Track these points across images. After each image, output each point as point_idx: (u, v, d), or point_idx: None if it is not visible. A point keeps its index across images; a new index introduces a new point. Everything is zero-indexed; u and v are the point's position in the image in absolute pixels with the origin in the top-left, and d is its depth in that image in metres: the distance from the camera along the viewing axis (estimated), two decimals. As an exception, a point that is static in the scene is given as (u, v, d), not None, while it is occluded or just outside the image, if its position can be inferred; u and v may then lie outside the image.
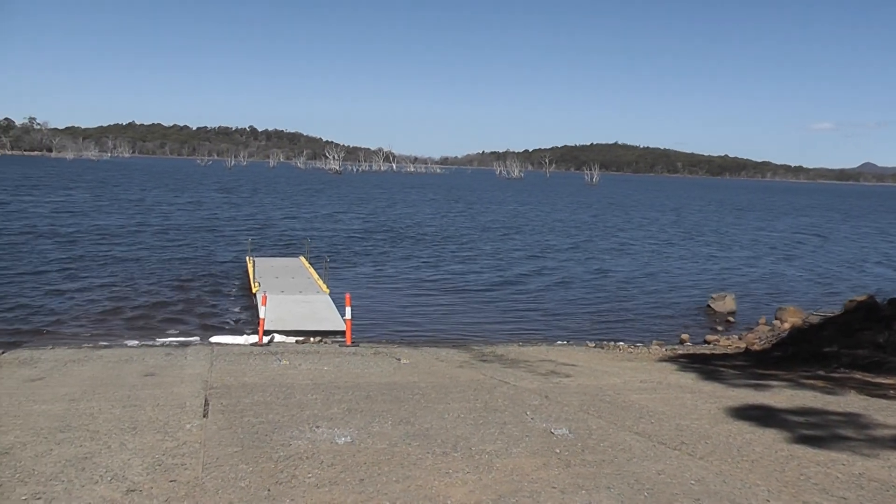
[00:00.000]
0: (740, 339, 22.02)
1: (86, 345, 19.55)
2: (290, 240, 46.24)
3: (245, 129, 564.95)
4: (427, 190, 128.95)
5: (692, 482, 8.14)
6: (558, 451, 9.16)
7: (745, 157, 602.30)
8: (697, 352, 19.50)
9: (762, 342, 20.49)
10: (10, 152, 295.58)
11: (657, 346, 20.17)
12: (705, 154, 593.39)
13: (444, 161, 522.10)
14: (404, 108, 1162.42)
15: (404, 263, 36.85)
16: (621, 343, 20.76)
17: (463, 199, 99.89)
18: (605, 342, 20.83)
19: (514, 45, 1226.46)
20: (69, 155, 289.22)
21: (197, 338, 20.75)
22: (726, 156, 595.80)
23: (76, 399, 12.02)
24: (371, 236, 49.42)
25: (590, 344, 20.41)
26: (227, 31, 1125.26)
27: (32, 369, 15.18)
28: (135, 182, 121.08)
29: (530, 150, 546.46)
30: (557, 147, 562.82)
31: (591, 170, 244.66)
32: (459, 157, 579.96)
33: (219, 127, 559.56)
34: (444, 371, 14.74)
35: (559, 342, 20.95)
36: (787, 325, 22.84)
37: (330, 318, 21.61)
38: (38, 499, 7.75)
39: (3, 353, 17.73)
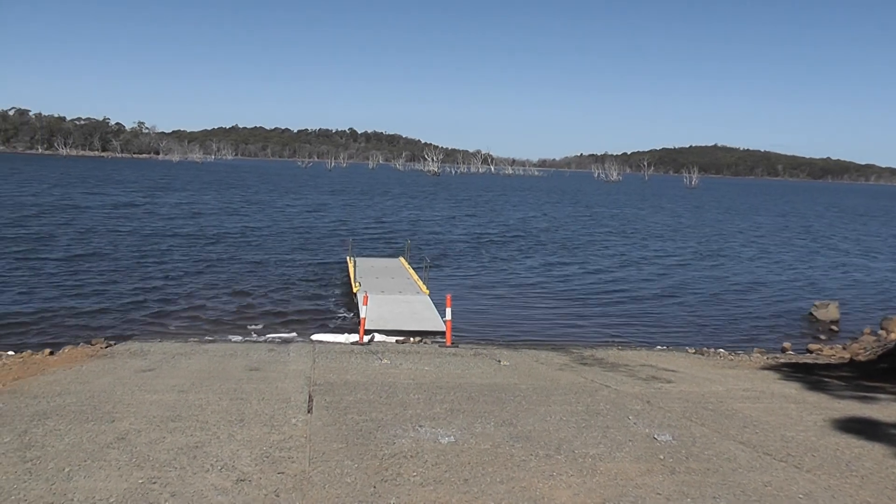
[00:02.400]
0: (844, 348, 21.43)
1: (192, 339, 20.04)
2: (390, 241, 46.61)
3: (345, 131, 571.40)
4: (528, 192, 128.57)
5: (800, 496, 7.99)
6: (662, 457, 9.09)
7: (847, 160, 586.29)
8: (800, 361, 19.07)
9: (867, 353, 19.93)
10: (119, 155, 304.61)
11: (758, 354, 19.77)
12: (807, 156, 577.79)
13: (542, 163, 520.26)
14: (503, 111, 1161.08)
15: (504, 265, 36.82)
16: (721, 350, 20.40)
17: (566, 201, 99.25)
18: (705, 348, 20.52)
19: (612, 48, 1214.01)
20: (175, 157, 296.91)
21: (298, 335, 21.09)
22: (828, 158, 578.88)
23: (185, 390, 12.35)
24: (470, 238, 49.53)
25: (689, 350, 20.13)
26: (327, 35, 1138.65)
27: (143, 360, 15.63)
28: (249, 184, 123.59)
29: (628, 152, 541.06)
30: (656, 150, 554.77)
31: (689, 173, 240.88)
32: (557, 159, 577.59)
33: (319, 129, 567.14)
34: (544, 373, 14.71)
35: (659, 347, 20.72)
36: (893, 336, 22.18)
37: (430, 318, 21.70)
38: (154, 483, 8.01)
39: (115, 344, 18.31)
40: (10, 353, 17.62)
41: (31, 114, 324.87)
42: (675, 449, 9.43)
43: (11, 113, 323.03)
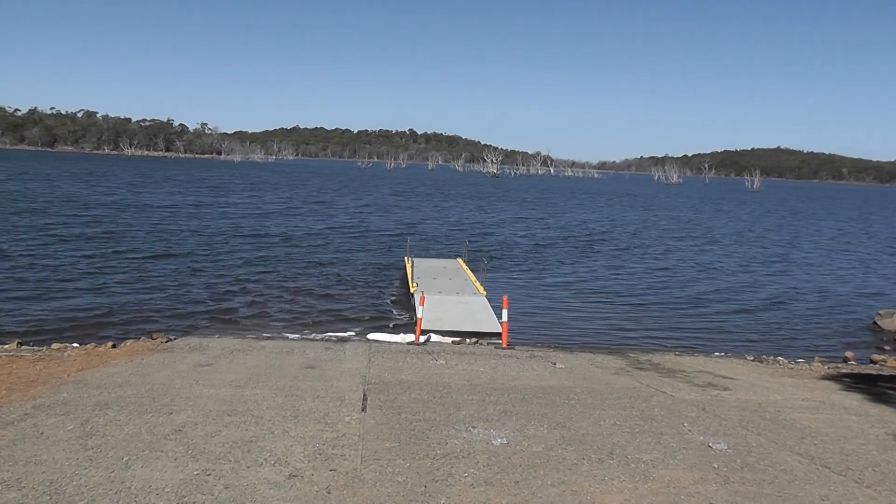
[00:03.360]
0: (910, 360, 21.01)
1: (250, 335, 20.24)
2: (448, 241, 46.67)
3: (405, 132, 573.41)
4: (589, 195, 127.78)
5: (859, 512, 7.88)
6: (716, 466, 9.01)
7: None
8: (862, 371, 18.71)
9: (935, 365, 19.53)
10: (182, 155, 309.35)
11: (819, 364, 19.44)
12: (874, 159, 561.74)
13: (602, 165, 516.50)
14: (562, 112, 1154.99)
15: (563, 267, 36.67)
16: (781, 358, 20.09)
17: (627, 203, 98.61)
18: (763, 356, 20.24)
19: (674, 48, 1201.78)
20: (236, 158, 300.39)
21: (355, 334, 21.20)
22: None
23: (242, 386, 12.52)
24: (529, 239, 49.39)
25: (748, 357, 19.85)
26: (389, 36, 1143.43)
27: (202, 355, 15.85)
28: (312, 185, 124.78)
29: (689, 154, 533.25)
30: (717, 152, 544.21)
31: (751, 176, 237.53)
32: (617, 161, 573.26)
33: (379, 130, 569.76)
34: (599, 377, 14.64)
35: (716, 354, 20.47)
36: (963, 348, 21.69)
37: (486, 319, 21.66)
38: (209, 475, 8.14)
39: (175, 339, 18.59)
40: (75, 345, 17.98)
41: (98, 115, 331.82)
42: (730, 458, 9.34)
43: (80, 115, 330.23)
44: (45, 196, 67.26)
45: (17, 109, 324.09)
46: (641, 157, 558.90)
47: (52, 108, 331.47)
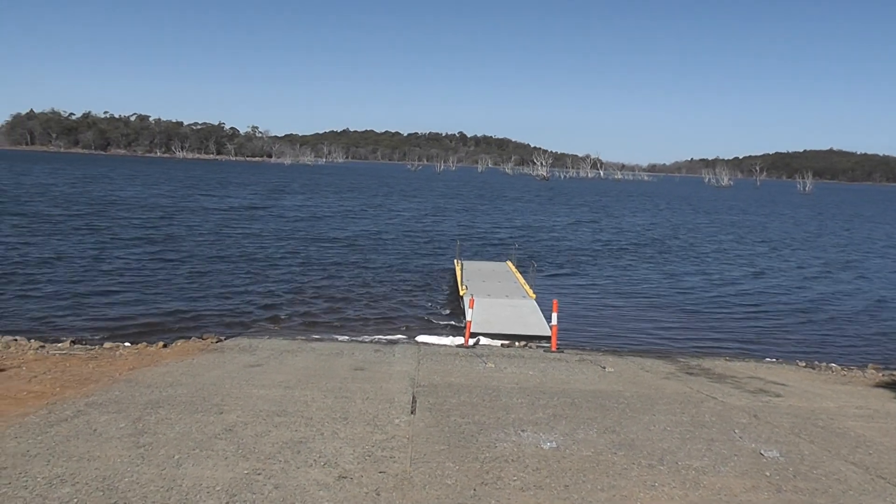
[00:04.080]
0: (972, 368, 20.57)
1: (299, 337, 20.37)
2: (498, 244, 46.61)
3: (454, 134, 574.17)
4: (640, 198, 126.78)
5: (916, 523, 7.74)
6: (768, 474, 8.88)
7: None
8: (919, 379, 18.42)
9: None
10: (233, 158, 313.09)
11: (873, 371, 19.11)
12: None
13: (652, 168, 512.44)
14: (612, 114, 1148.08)
15: (613, 270, 36.44)
16: (833, 364, 19.80)
17: (678, 206, 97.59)
18: (816, 362, 19.95)
19: (724, 48, 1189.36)
20: (287, 160, 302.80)
21: (404, 336, 21.23)
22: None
23: (291, 387, 12.59)
24: (580, 242, 49.19)
25: (800, 363, 19.58)
26: (439, 39, 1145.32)
27: (252, 356, 15.99)
28: (365, 188, 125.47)
29: (740, 157, 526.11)
30: (769, 154, 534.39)
31: (803, 178, 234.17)
32: (667, 164, 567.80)
33: (429, 133, 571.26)
34: (649, 382, 14.54)
35: (767, 359, 20.21)
36: None
37: (536, 323, 21.60)
38: (259, 474, 8.20)
39: (225, 339, 18.77)
40: (127, 344, 18.21)
41: (150, 119, 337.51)
42: (783, 466, 9.21)
43: (133, 119, 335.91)
44: (103, 199, 68.43)
45: (71, 114, 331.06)
46: (692, 159, 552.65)
47: (105, 112, 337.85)
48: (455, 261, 31.95)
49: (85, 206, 60.13)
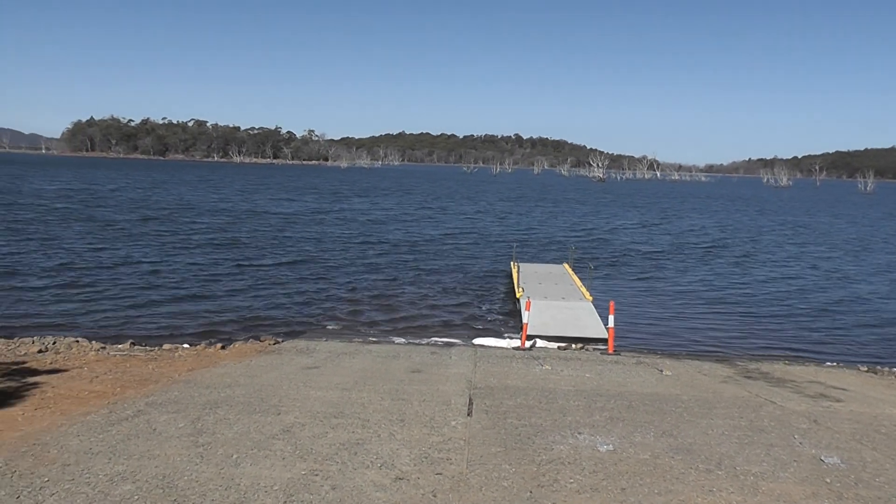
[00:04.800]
0: None
1: (356, 339, 20.49)
2: (554, 246, 46.46)
3: (510, 136, 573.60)
4: (699, 199, 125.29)
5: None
6: (829, 480, 8.73)
7: None
8: None
9: None
10: (290, 162, 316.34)
11: (939, 376, 18.74)
12: None
13: (709, 168, 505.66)
14: (669, 115, 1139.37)
15: (671, 272, 36.10)
16: (897, 369, 19.44)
17: (737, 207, 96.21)
18: (878, 367, 19.57)
19: (780, 46, 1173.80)
20: (343, 164, 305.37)
21: (461, 339, 21.24)
22: None
23: (348, 388, 12.67)
24: (637, 244, 48.82)
25: (861, 368, 19.20)
26: (495, 41, 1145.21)
27: (309, 358, 16.12)
28: (424, 191, 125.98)
29: (799, 156, 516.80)
30: (828, 153, 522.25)
31: (864, 177, 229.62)
32: (725, 164, 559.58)
33: (485, 135, 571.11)
34: (707, 385, 14.39)
35: (828, 363, 19.87)
36: None
37: (592, 325, 21.50)
38: (316, 475, 8.26)
39: (283, 341, 18.93)
40: (186, 346, 18.45)
41: (208, 124, 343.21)
42: (844, 473, 9.05)
43: (191, 124, 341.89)
44: (166, 204, 69.50)
45: (130, 120, 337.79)
46: (749, 159, 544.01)
47: (163, 118, 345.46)
48: (511, 263, 31.89)
49: (148, 210, 61.15)
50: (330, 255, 38.45)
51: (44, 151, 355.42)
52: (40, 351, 16.67)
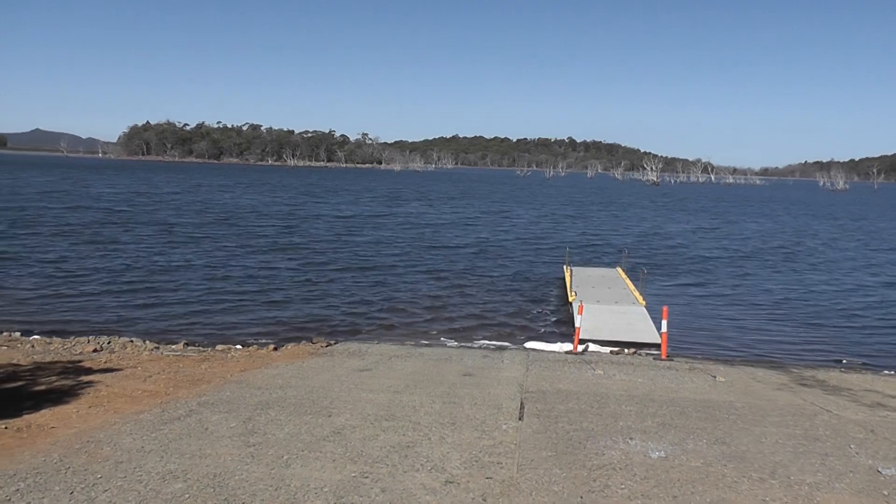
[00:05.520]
0: None
1: (408, 342, 20.54)
2: (608, 250, 46.23)
3: (564, 140, 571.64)
4: (752, 203, 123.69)
5: None
6: (886, 493, 8.55)
7: None
8: None
9: None
10: (343, 165, 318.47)
11: None
12: None
13: (764, 172, 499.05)
14: (723, 118, 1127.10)
15: (725, 278, 35.67)
16: (960, 378, 19.03)
17: (795, 211, 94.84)
18: (940, 376, 19.18)
19: (838, 45, 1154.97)
20: (396, 167, 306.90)
21: (512, 342, 21.21)
22: None
23: (400, 391, 12.69)
24: (693, 249, 48.37)
25: (922, 377, 18.88)
26: (545, 45, 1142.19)
27: (361, 360, 16.18)
28: (482, 196, 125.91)
29: (856, 159, 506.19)
30: (886, 155, 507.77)
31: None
32: (780, 167, 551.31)
33: (538, 138, 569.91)
34: (761, 392, 14.20)
35: (886, 372, 19.53)
36: None
37: (645, 330, 21.35)
38: (366, 477, 8.28)
39: (335, 343, 19.02)
40: (238, 346, 18.63)
41: (262, 128, 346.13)
42: (902, 484, 8.87)
43: (245, 128, 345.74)
44: (224, 207, 70.36)
45: (185, 124, 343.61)
46: (805, 162, 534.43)
47: (218, 122, 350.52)
48: (564, 267, 31.81)
49: (207, 214, 61.96)
50: (385, 258, 38.69)
51: (100, 155, 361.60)
52: (95, 350, 16.94)
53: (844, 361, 20.76)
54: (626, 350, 19.43)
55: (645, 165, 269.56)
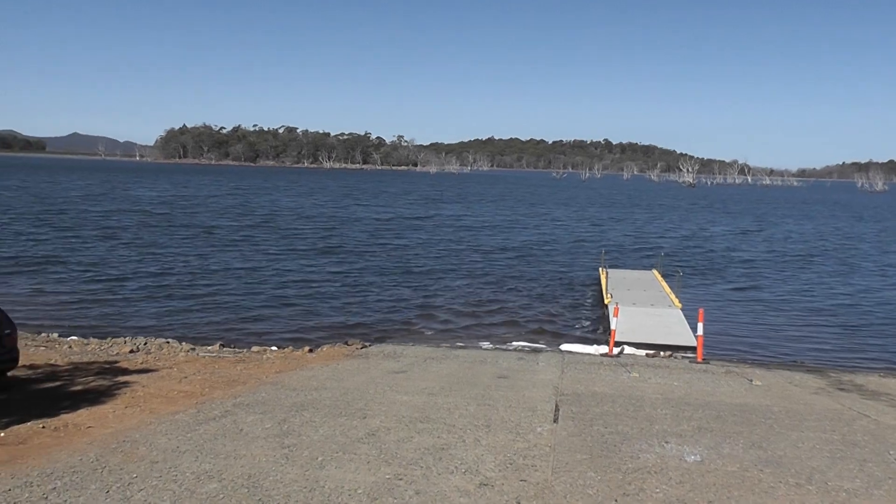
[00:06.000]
0: None
1: (443, 344, 20.56)
2: (644, 252, 45.98)
3: (599, 141, 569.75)
4: (791, 205, 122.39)
5: None
6: (927, 500, 8.45)
7: None
8: None
9: None
10: (379, 167, 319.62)
11: None
12: None
13: (801, 173, 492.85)
14: (760, 118, 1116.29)
15: (763, 281, 35.30)
16: None
17: (837, 213, 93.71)
18: (981, 381, 18.88)
19: (878, 43, 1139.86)
20: (432, 169, 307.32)
21: (548, 344, 21.16)
22: None
23: (434, 393, 12.71)
24: (730, 251, 47.94)
25: (963, 382, 18.59)
26: (581, 47, 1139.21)
27: (396, 362, 16.21)
28: (519, 198, 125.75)
29: (895, 159, 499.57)
30: None
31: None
32: (818, 168, 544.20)
33: (574, 140, 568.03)
34: (798, 396, 14.07)
35: (928, 377, 19.29)
36: None
37: (681, 332, 21.21)
38: (400, 479, 8.30)
39: (370, 345, 19.07)
40: (274, 348, 18.72)
41: (298, 131, 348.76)
42: (944, 492, 8.74)
43: (281, 131, 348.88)
44: (262, 209, 70.93)
45: (222, 127, 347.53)
46: (843, 163, 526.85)
47: (254, 126, 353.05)
48: (600, 269, 31.70)
49: (245, 217, 62.39)
50: (423, 260, 38.80)
51: (138, 158, 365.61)
52: (132, 351, 17.12)
53: (884, 367, 20.52)
54: (661, 353, 19.30)
55: (681, 167, 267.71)
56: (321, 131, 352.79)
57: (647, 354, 19.02)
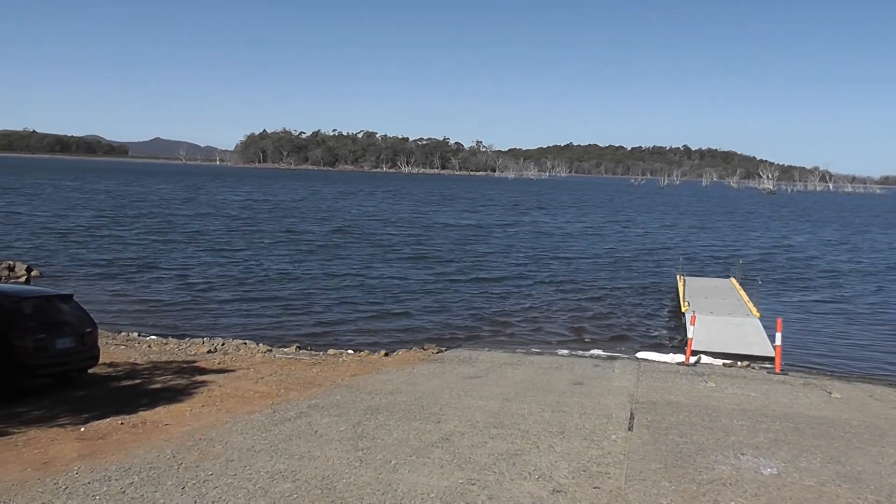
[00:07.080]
0: None
1: (519, 350, 20.55)
2: (723, 260, 45.34)
3: (678, 148, 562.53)
4: (877, 213, 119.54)
5: None
6: None
7: None
8: None
9: None
10: (457, 172, 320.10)
11: None
12: None
13: (885, 180, 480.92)
14: (842, 124, 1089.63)
15: (845, 292, 34.53)
16: None
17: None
18: None
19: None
20: (510, 175, 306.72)
21: (624, 352, 21.02)
22: None
23: (509, 399, 12.74)
24: (813, 261, 47.01)
25: None
26: (660, 54, 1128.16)
27: (471, 367, 16.27)
28: (597, 203, 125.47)
29: None
30: None
31: None
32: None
33: (653, 146, 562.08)
34: (879, 411, 13.78)
35: None
36: None
37: (759, 342, 20.90)
38: (473, 484, 8.34)
39: (446, 350, 19.15)
40: (350, 351, 18.90)
41: (377, 136, 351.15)
42: None
43: (360, 136, 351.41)
44: (348, 214, 71.66)
45: (301, 132, 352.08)
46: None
47: (333, 130, 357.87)
48: (678, 277, 31.37)
49: (326, 221, 62.97)
50: (505, 267, 38.79)
51: (218, 163, 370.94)
52: (209, 351, 17.45)
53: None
54: (738, 362, 19.05)
55: (761, 174, 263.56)
56: (400, 136, 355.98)
57: (724, 364, 18.78)
